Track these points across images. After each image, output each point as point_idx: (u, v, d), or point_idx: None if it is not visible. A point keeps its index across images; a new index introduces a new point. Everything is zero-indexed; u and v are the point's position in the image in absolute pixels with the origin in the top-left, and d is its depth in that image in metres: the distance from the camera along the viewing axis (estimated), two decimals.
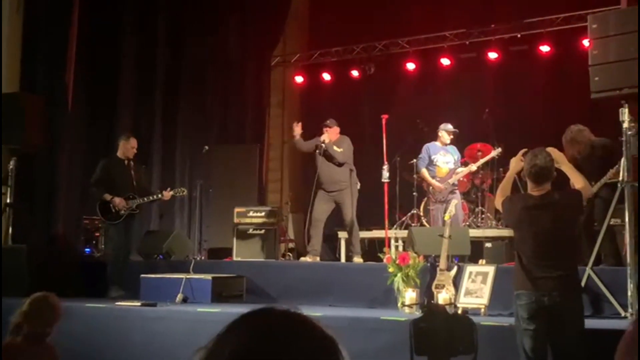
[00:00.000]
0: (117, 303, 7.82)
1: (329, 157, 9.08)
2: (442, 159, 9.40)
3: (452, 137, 9.44)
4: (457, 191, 9.45)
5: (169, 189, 9.07)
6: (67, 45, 9.86)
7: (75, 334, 7.25)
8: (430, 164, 9.39)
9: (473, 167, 9.59)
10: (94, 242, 10.72)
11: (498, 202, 5.03)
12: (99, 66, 10.93)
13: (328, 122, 9.33)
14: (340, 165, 9.09)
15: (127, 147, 8.82)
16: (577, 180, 4.95)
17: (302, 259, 9.19)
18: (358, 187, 9.21)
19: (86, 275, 9.26)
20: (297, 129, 9.33)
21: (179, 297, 7.94)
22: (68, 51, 9.86)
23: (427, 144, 9.54)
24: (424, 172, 9.40)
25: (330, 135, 9.21)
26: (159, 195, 8.90)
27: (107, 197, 8.49)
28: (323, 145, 9.11)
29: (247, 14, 12.12)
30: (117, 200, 8.49)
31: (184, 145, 11.59)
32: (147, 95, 11.40)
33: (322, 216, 9.18)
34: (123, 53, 11.18)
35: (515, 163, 5.09)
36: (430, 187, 9.40)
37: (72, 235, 10.28)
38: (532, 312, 4.61)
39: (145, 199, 8.76)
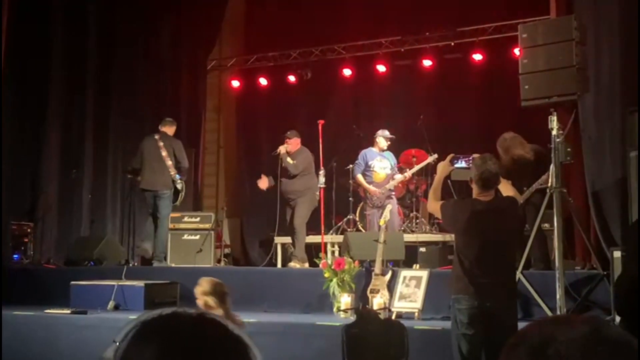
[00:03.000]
0: (46, 311, 7.61)
1: (284, 168, 9.14)
2: (379, 164, 9.50)
3: (388, 143, 9.58)
4: (394, 196, 9.56)
5: None
6: None
7: (2, 342, 7.03)
8: (367, 169, 9.48)
9: (408, 173, 9.69)
10: (22, 248, 10.42)
11: (434, 207, 4.99)
12: (28, 67, 10.63)
13: (288, 133, 9.40)
14: (293, 176, 9.13)
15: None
16: (506, 189, 5.01)
17: (290, 264, 9.08)
18: (317, 195, 9.17)
19: (14, 282, 8.99)
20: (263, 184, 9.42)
21: (111, 304, 7.79)
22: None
23: (364, 150, 9.63)
24: (360, 177, 9.50)
25: (291, 146, 9.25)
26: None
27: None
28: (280, 156, 9.19)
29: (181, 17, 11.98)
30: None
31: (117, 148, 11.36)
32: (77, 97, 11.13)
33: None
34: (52, 54, 10.88)
35: (444, 167, 5.13)
36: (367, 192, 9.48)
37: (1, 241, 9.95)
38: (472, 317, 4.60)
39: None
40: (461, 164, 5.17)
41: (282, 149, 9.23)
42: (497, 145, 7.43)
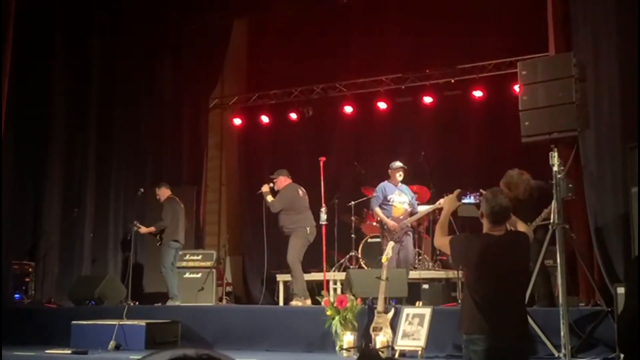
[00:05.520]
0: (46, 351, 7.56)
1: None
2: (398, 198, 9.27)
3: (401, 174, 9.36)
4: (410, 233, 9.32)
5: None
6: None
7: None
8: (386, 203, 9.21)
9: (424, 211, 9.46)
10: (23, 287, 10.38)
11: (442, 242, 4.77)
12: (30, 105, 10.70)
13: (274, 174, 9.43)
14: (277, 212, 9.20)
15: None
16: (520, 226, 4.90)
17: (292, 303, 9.03)
18: (307, 231, 9.10)
19: (15, 321, 8.94)
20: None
21: (112, 344, 7.74)
22: (1, 89, 9.62)
23: (383, 184, 9.36)
24: (378, 210, 9.19)
25: (277, 185, 9.33)
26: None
27: None
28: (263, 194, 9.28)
29: (183, 56, 12.10)
30: None
31: (118, 186, 11.38)
32: (79, 135, 11.20)
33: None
34: (54, 93, 10.98)
35: (451, 202, 5.03)
36: (385, 226, 9.17)
37: (1, 280, 9.91)
38: (489, 358, 4.35)
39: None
40: (469, 199, 5.09)
41: (264, 188, 9.28)
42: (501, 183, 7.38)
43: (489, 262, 4.47)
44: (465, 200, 5.12)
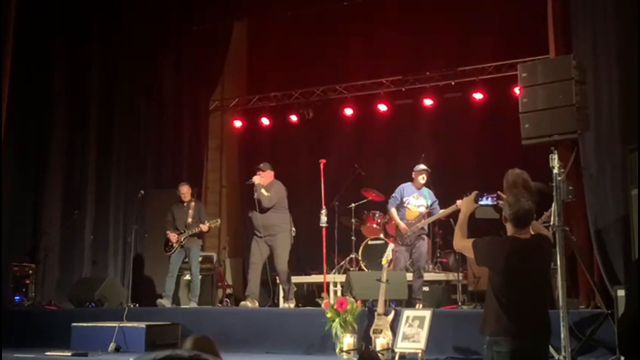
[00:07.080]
0: (46, 353, 7.56)
1: (257, 200, 9.03)
2: (415, 201, 9.08)
3: (424, 177, 9.14)
4: (425, 237, 9.11)
5: (205, 222, 9.61)
6: None
7: None
8: (402, 205, 9.08)
9: (439, 215, 9.18)
10: (23, 289, 10.38)
11: (464, 244, 4.72)
12: (31, 106, 10.71)
13: (261, 165, 9.28)
14: (266, 209, 9.03)
15: (178, 193, 9.85)
16: (538, 228, 4.88)
17: (242, 303, 9.02)
18: (293, 233, 9.10)
19: (15, 323, 8.94)
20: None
21: (112, 346, 7.74)
22: (1, 91, 9.63)
23: (403, 185, 9.20)
24: (393, 211, 9.06)
25: (264, 179, 9.15)
26: (197, 229, 9.56)
27: (168, 233, 9.62)
28: (254, 187, 9.07)
29: (184, 58, 12.11)
30: (171, 236, 9.57)
31: (119, 189, 11.38)
32: (79, 136, 11.21)
33: (256, 259, 9.05)
34: (55, 92, 11.00)
35: (468, 204, 4.97)
36: (398, 229, 9.01)
37: (1, 282, 9.91)
38: (513, 359, 4.32)
39: (188, 232, 9.58)
40: (487, 201, 5.03)
41: (256, 179, 9.10)
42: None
43: (517, 265, 4.43)
44: (483, 202, 5.05)
